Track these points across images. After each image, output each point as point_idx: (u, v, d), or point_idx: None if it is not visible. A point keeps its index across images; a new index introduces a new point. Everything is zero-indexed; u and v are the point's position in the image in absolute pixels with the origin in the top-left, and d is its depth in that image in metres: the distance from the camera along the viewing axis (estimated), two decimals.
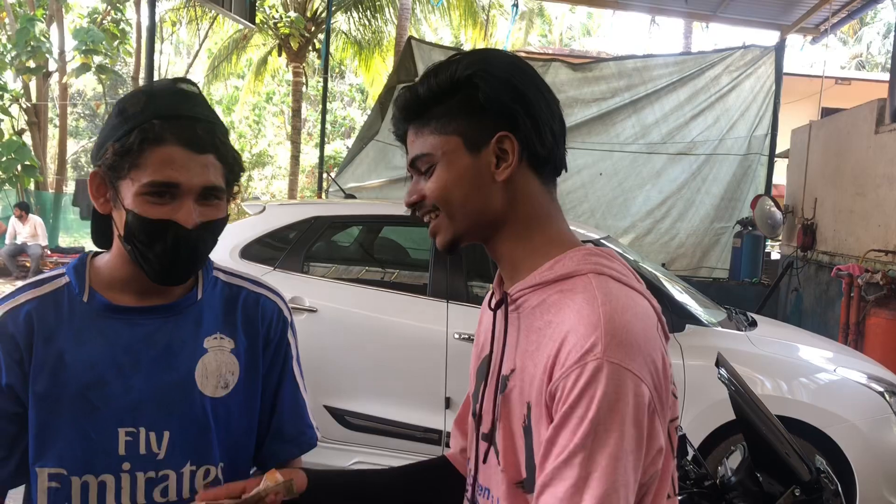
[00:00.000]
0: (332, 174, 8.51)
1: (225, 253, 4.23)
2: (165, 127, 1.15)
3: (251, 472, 1.38)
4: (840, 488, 1.72)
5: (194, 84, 1.24)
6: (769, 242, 10.15)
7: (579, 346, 0.95)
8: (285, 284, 4.22)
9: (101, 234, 1.28)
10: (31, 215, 13.51)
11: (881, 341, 5.88)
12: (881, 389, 3.83)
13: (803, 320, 7.97)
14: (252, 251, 4.31)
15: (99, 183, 1.20)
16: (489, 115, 1.07)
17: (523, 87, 1.08)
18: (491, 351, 1.14)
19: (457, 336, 4.02)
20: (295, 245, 4.34)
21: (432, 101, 1.09)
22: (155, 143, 1.14)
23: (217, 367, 1.27)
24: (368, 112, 24.91)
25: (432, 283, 4.22)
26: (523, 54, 16.16)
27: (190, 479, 1.26)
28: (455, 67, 1.08)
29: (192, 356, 1.26)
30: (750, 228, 8.71)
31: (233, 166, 1.23)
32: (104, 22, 16.09)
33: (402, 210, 5.03)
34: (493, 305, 1.16)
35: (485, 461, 1.14)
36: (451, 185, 1.08)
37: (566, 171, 1.15)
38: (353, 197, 5.62)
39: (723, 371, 1.84)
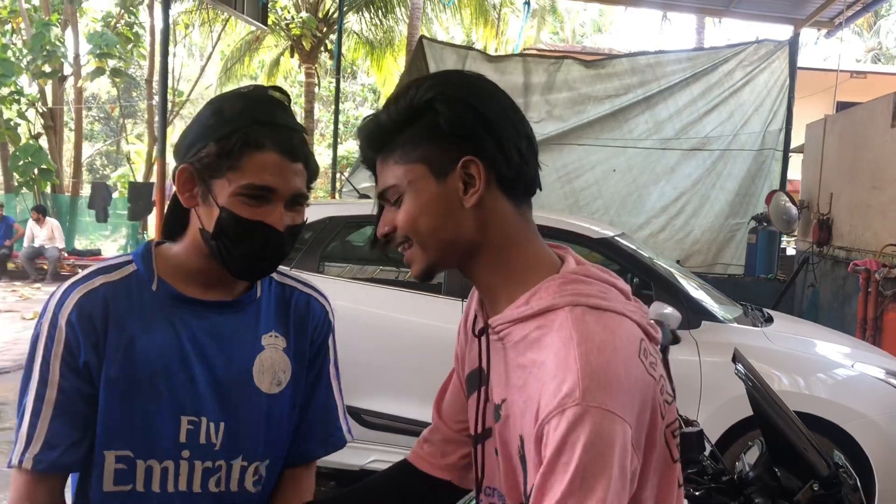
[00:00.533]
0: (346, 174, 8.53)
1: None
2: (265, 133, 1.20)
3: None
4: (859, 483, 1.72)
5: (285, 93, 1.28)
6: (784, 238, 10.09)
7: (558, 391, 0.94)
8: None
9: (172, 227, 1.31)
10: (48, 218, 13.66)
11: None
12: None
13: (820, 316, 7.93)
14: None
15: (187, 178, 1.24)
16: (452, 140, 1.04)
17: (484, 109, 1.05)
18: (487, 370, 1.12)
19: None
20: (310, 245, 4.37)
21: (395, 129, 1.07)
22: (256, 147, 1.19)
23: (272, 364, 1.32)
24: None
25: (447, 281, 4.24)
26: (535, 52, 16.14)
27: (240, 474, 1.30)
28: (415, 93, 1.06)
29: (252, 352, 1.30)
30: (765, 224, 8.66)
31: (313, 174, 1.28)
32: (118, 25, 16.21)
33: None
34: (476, 332, 1.13)
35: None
36: (419, 214, 1.06)
37: (541, 189, 1.12)
38: (367, 197, 5.63)
39: (740, 367, 1.85)
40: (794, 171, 10.50)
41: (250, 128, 1.19)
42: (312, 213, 4.53)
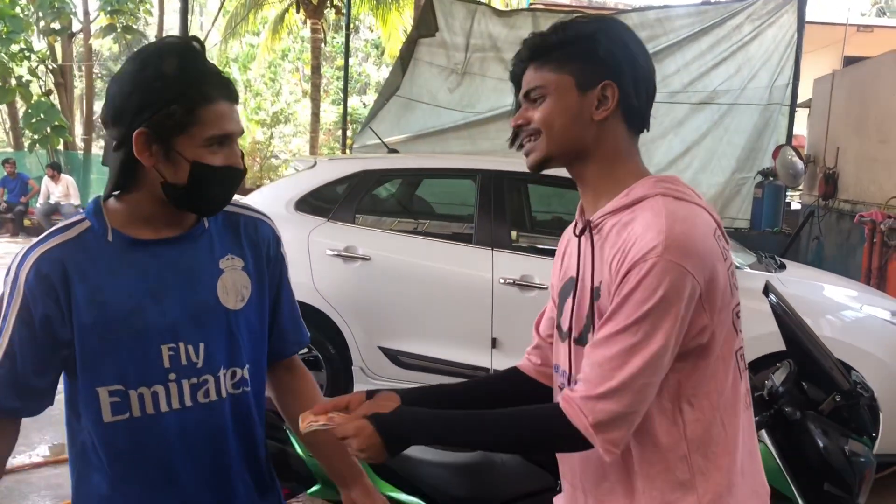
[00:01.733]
0: (369, 128, 8.64)
1: (280, 206, 4.49)
2: (212, 85, 1.34)
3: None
4: (875, 394, 1.97)
5: (199, 39, 1.42)
6: (789, 192, 10.24)
7: (644, 247, 1.20)
8: (340, 235, 4.48)
9: (124, 183, 1.41)
10: (63, 175, 13.78)
11: None
12: None
13: (824, 267, 8.07)
14: (305, 204, 4.56)
15: (145, 140, 1.33)
16: (601, 65, 1.30)
17: (634, 50, 1.32)
18: (577, 272, 1.37)
19: (502, 281, 4.26)
20: (346, 197, 4.58)
21: (558, 46, 1.32)
22: (209, 101, 1.33)
23: (234, 283, 1.48)
24: (384, 67, 24.79)
25: (478, 231, 4.46)
26: (542, 6, 16.09)
27: (224, 382, 1.47)
28: (583, 25, 1.33)
29: (213, 277, 1.45)
30: (771, 178, 8.81)
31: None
32: None
33: (445, 163, 5.27)
34: (577, 232, 1.38)
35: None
36: (557, 113, 1.31)
37: (648, 130, 1.37)
38: (395, 151, 5.83)
39: (772, 296, 2.08)
40: (799, 127, 10.59)
41: (199, 82, 1.32)
42: (346, 167, 4.76)
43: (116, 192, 1.43)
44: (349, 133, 12.44)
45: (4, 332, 1.35)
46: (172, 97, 1.31)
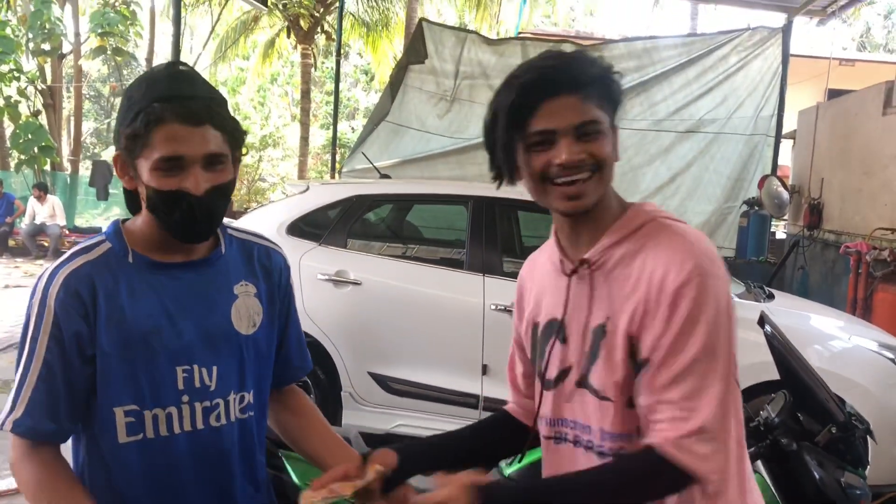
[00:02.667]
0: (361, 153, 8.67)
1: (272, 229, 4.48)
2: (165, 108, 1.30)
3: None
4: (871, 426, 1.98)
5: (186, 64, 1.43)
6: (773, 222, 10.33)
7: (683, 269, 1.20)
8: (331, 259, 4.48)
9: (131, 206, 1.48)
10: (49, 196, 13.70)
11: (889, 315, 6.14)
12: (892, 356, 4.09)
13: (809, 297, 8.17)
14: (297, 228, 4.56)
15: (122, 164, 1.39)
16: (615, 108, 1.31)
17: None
18: (564, 313, 1.35)
19: (493, 307, 4.26)
20: (338, 222, 4.58)
21: (594, 82, 1.26)
22: (157, 123, 1.31)
23: (247, 309, 1.50)
24: (373, 93, 24.90)
25: (469, 257, 4.46)
26: (530, 35, 16.26)
27: (234, 406, 1.48)
28: (603, 65, 1.29)
29: (227, 301, 1.48)
30: (756, 208, 8.89)
31: (233, 133, 1.39)
32: (115, 3, 16.18)
33: (438, 188, 5.29)
34: (568, 272, 1.35)
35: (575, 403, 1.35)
36: (612, 151, 1.29)
37: None
38: (387, 177, 5.84)
39: (767, 327, 2.09)
40: (785, 157, 10.71)
41: (150, 106, 1.30)
42: (339, 192, 4.76)
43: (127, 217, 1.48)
44: (338, 157, 12.47)
45: (36, 354, 1.34)
46: (129, 121, 1.33)
